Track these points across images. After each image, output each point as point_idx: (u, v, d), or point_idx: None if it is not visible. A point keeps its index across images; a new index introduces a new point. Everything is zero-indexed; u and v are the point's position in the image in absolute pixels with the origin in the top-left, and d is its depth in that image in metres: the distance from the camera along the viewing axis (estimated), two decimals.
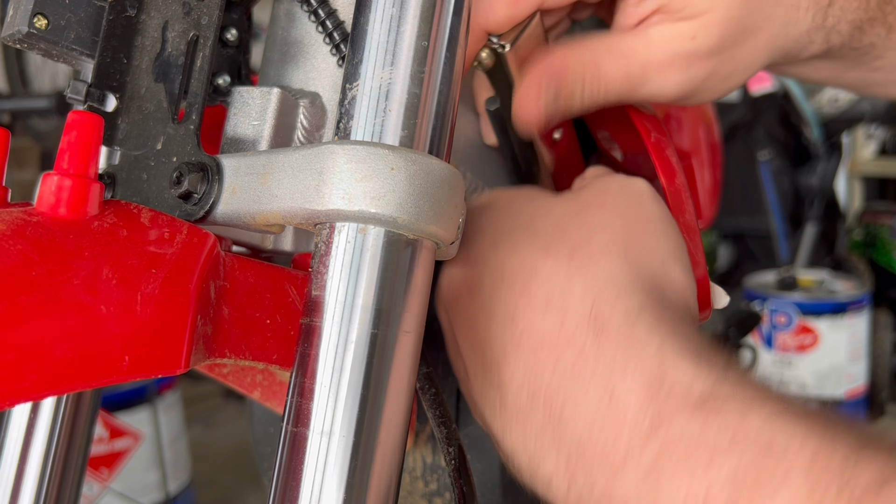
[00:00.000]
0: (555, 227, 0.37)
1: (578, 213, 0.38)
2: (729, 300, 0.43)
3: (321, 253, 0.30)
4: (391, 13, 0.31)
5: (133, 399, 1.60)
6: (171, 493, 1.66)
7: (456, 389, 0.49)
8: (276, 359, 0.35)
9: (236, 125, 0.40)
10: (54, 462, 0.42)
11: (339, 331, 0.29)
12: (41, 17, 0.35)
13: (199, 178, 0.34)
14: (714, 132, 0.76)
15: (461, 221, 0.33)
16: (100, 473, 1.54)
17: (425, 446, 0.51)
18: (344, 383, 0.29)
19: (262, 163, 0.33)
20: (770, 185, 2.39)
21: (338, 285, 0.30)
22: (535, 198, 0.41)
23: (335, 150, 0.30)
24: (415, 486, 0.52)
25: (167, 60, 0.38)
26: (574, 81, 0.42)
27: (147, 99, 0.37)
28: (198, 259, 0.32)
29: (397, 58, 0.31)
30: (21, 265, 0.27)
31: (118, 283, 0.29)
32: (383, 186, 0.29)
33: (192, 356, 0.30)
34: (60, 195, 0.31)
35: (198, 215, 0.34)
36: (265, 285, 0.35)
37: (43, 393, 0.26)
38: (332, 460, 0.28)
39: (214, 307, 0.32)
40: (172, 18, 0.38)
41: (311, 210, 0.30)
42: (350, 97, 0.31)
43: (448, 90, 0.32)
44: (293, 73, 0.43)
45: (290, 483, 0.29)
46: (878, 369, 2.42)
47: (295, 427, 0.29)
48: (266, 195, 0.32)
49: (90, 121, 0.32)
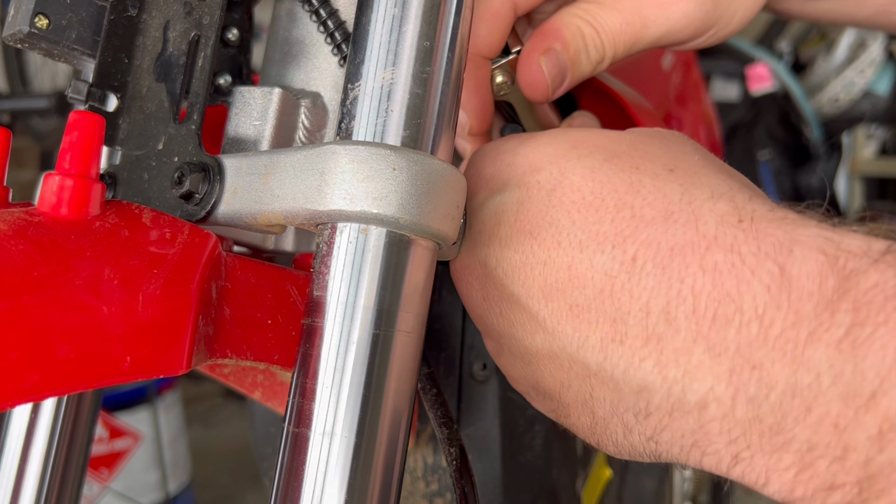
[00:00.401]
0: (632, 148, 0.34)
1: (648, 139, 0.34)
2: None
3: (323, 253, 0.30)
4: (393, 13, 0.31)
5: (133, 399, 1.60)
6: (171, 493, 1.66)
7: (457, 390, 0.49)
8: (277, 359, 0.35)
9: (238, 125, 0.40)
10: (55, 462, 0.42)
11: (340, 331, 0.29)
12: (42, 16, 0.35)
13: (200, 178, 0.34)
14: (715, 131, 0.76)
15: (463, 221, 0.33)
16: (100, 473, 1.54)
17: (426, 447, 0.51)
18: (345, 384, 0.29)
19: (263, 163, 0.33)
20: (770, 185, 2.39)
21: (339, 286, 0.30)
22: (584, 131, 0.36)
23: (337, 151, 0.30)
24: (416, 487, 0.52)
25: (168, 60, 0.37)
26: (574, 39, 0.40)
27: (148, 99, 0.37)
28: (199, 259, 0.32)
29: (399, 58, 0.31)
30: (23, 265, 0.27)
31: (120, 284, 0.29)
32: (385, 187, 0.29)
33: (194, 357, 0.30)
34: (62, 195, 0.31)
35: (199, 215, 0.34)
36: (266, 285, 0.35)
37: (45, 393, 0.26)
38: (333, 461, 0.28)
39: (216, 307, 0.32)
40: (174, 18, 0.38)
41: (313, 210, 0.30)
42: (352, 97, 0.31)
43: (450, 90, 0.32)
44: (294, 72, 0.43)
45: (292, 484, 0.29)
46: None
47: (296, 428, 0.29)
48: (268, 195, 0.32)
49: (92, 121, 0.32)
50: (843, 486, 0.26)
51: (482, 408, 0.49)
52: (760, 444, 0.27)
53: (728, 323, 0.28)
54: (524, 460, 0.50)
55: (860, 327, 0.25)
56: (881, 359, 0.25)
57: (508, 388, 0.49)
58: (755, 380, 0.27)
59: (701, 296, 0.28)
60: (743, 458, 0.28)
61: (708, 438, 0.29)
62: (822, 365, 0.26)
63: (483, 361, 0.49)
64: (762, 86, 2.25)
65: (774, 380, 0.26)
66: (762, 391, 0.27)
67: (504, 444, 0.49)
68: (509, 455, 0.49)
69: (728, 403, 0.28)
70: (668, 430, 0.30)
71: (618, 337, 0.30)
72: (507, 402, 0.49)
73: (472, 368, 0.49)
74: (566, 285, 0.32)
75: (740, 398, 0.27)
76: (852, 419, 0.25)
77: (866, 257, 0.26)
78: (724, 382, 0.28)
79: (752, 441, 0.27)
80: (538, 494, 0.51)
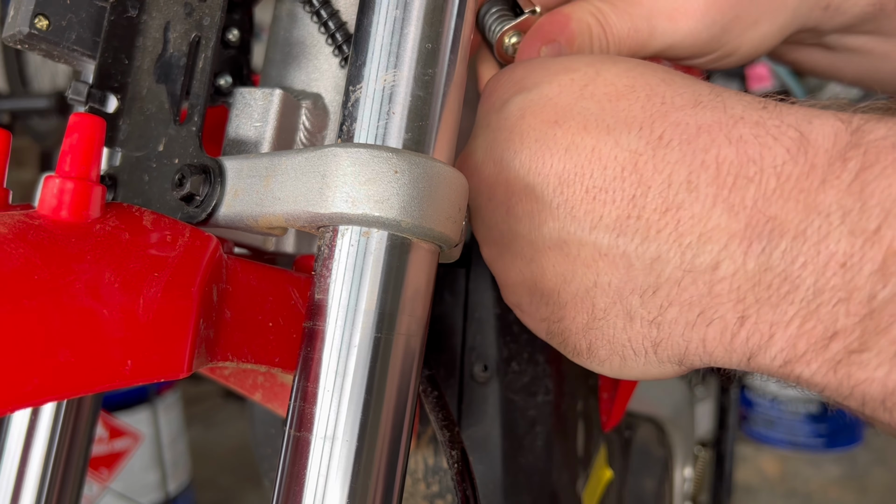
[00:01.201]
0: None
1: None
2: None
3: (324, 256, 0.30)
4: (394, 15, 0.31)
5: (133, 399, 1.60)
6: (171, 493, 1.66)
7: (458, 392, 0.49)
8: (278, 361, 0.34)
9: (238, 126, 0.40)
10: (55, 463, 0.42)
11: (342, 334, 0.29)
12: (42, 17, 0.35)
13: (201, 180, 0.34)
14: None
15: (465, 224, 0.33)
16: (100, 474, 1.54)
17: (427, 448, 0.51)
18: (347, 387, 0.29)
19: (264, 165, 0.33)
20: None
21: (341, 289, 0.29)
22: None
23: (338, 153, 0.30)
24: (416, 489, 0.52)
25: (169, 61, 0.37)
26: (581, 34, 0.40)
27: (148, 100, 0.37)
28: (200, 262, 0.31)
29: (401, 60, 0.31)
30: (23, 269, 0.27)
31: (120, 287, 0.29)
32: (387, 189, 0.29)
33: (195, 360, 0.30)
34: (62, 198, 0.31)
35: (200, 218, 0.34)
36: (267, 288, 0.35)
37: (45, 398, 0.26)
38: (335, 464, 0.28)
39: (217, 310, 0.32)
40: (174, 19, 0.37)
41: (314, 213, 0.30)
42: (353, 99, 0.31)
43: (452, 92, 0.32)
44: (295, 74, 0.43)
45: (294, 487, 0.29)
46: None
47: (298, 431, 0.29)
48: (269, 198, 0.32)
49: (92, 123, 0.31)
50: (844, 332, 0.27)
51: (483, 409, 0.49)
52: (768, 296, 0.28)
53: (748, 182, 0.29)
54: (525, 462, 0.50)
55: (868, 171, 0.27)
56: (887, 196, 0.26)
57: (509, 390, 0.49)
58: (768, 230, 0.28)
59: (724, 163, 0.29)
60: (749, 317, 0.29)
61: (715, 302, 0.29)
62: (832, 207, 0.27)
63: (484, 363, 0.49)
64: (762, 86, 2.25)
65: (786, 227, 0.28)
66: (774, 240, 0.28)
67: (505, 446, 0.49)
68: (510, 456, 0.49)
69: (740, 259, 0.29)
70: (675, 304, 0.31)
71: (635, 212, 0.31)
72: (508, 403, 0.49)
73: (473, 370, 0.49)
74: (586, 169, 0.32)
75: (752, 251, 0.28)
76: (858, 255, 0.26)
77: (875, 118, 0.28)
78: (739, 238, 0.29)
79: (760, 294, 0.28)
80: (539, 496, 0.51)
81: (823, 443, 2.31)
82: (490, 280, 0.49)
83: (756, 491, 2.10)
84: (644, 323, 0.32)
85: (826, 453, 2.30)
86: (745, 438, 2.40)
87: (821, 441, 2.31)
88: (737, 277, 0.29)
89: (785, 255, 0.28)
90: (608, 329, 0.34)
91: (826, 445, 2.31)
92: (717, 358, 0.30)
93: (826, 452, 2.30)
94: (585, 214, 0.32)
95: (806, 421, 2.32)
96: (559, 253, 0.34)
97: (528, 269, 0.36)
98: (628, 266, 0.32)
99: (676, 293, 0.30)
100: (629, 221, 0.31)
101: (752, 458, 2.29)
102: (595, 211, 0.32)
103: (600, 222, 0.32)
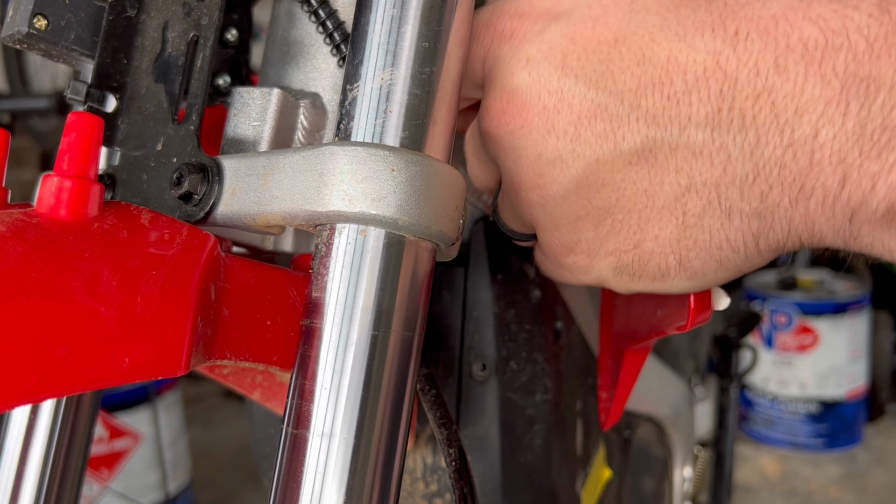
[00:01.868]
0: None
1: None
2: (729, 301, 0.43)
3: (322, 254, 0.30)
4: (392, 14, 0.31)
5: (133, 399, 1.60)
6: (171, 493, 1.66)
7: (457, 391, 0.49)
8: (276, 360, 0.35)
9: (236, 126, 0.40)
10: (54, 462, 0.42)
11: (339, 332, 0.29)
12: (41, 17, 0.35)
13: (199, 179, 0.34)
14: None
15: (462, 222, 0.33)
16: (100, 473, 1.54)
17: (426, 447, 0.51)
18: (344, 385, 0.29)
19: (262, 164, 0.33)
20: None
21: (338, 287, 0.30)
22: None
23: (336, 152, 0.30)
24: (415, 487, 0.52)
25: (167, 61, 0.37)
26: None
27: (147, 99, 0.37)
28: (198, 261, 0.32)
29: (398, 58, 0.31)
30: (21, 267, 0.27)
31: (118, 285, 0.29)
32: (384, 188, 0.29)
33: (193, 358, 0.30)
34: (60, 196, 0.31)
35: (198, 216, 0.34)
36: (265, 286, 0.35)
37: (43, 395, 0.26)
38: (332, 462, 0.28)
39: (214, 308, 0.32)
40: (172, 19, 0.38)
41: (312, 211, 0.30)
42: (351, 98, 0.31)
43: (449, 91, 0.32)
44: (293, 73, 0.43)
45: (291, 485, 0.29)
46: (878, 369, 2.42)
47: (295, 429, 0.29)
48: (266, 196, 0.32)
49: (90, 122, 0.31)
50: None
51: (481, 408, 0.49)
52: (870, 147, 0.29)
53: (837, 51, 0.29)
54: (523, 460, 0.50)
55: None
56: None
57: (508, 389, 0.49)
58: (864, 88, 0.29)
59: (810, 41, 0.30)
60: (850, 175, 0.29)
61: (816, 171, 0.30)
62: None
63: (482, 362, 0.49)
64: None
65: (882, 81, 0.28)
66: (871, 96, 0.29)
67: (503, 445, 0.49)
68: (508, 455, 0.49)
69: (839, 121, 0.29)
70: (775, 187, 0.31)
71: (726, 105, 0.31)
72: (507, 402, 0.49)
73: (472, 369, 0.49)
74: (664, 77, 0.32)
75: (851, 110, 0.29)
76: None
77: None
78: (835, 102, 0.29)
79: (864, 149, 0.29)
80: (537, 495, 0.51)
81: (823, 443, 2.31)
82: (488, 278, 0.49)
83: (756, 491, 2.10)
84: (744, 216, 0.32)
85: (826, 453, 2.30)
86: (744, 438, 2.40)
87: (821, 441, 2.31)
88: (837, 140, 0.29)
89: (884, 107, 0.28)
90: (702, 234, 0.34)
91: (826, 445, 2.31)
92: (818, 230, 0.31)
93: (826, 452, 2.30)
94: (672, 118, 0.32)
95: (806, 421, 2.32)
96: (644, 166, 0.33)
97: (598, 196, 0.35)
98: (727, 158, 0.32)
99: (777, 175, 0.31)
100: (721, 114, 0.31)
101: (752, 458, 2.29)
102: (682, 113, 0.32)
103: (690, 122, 0.32)
